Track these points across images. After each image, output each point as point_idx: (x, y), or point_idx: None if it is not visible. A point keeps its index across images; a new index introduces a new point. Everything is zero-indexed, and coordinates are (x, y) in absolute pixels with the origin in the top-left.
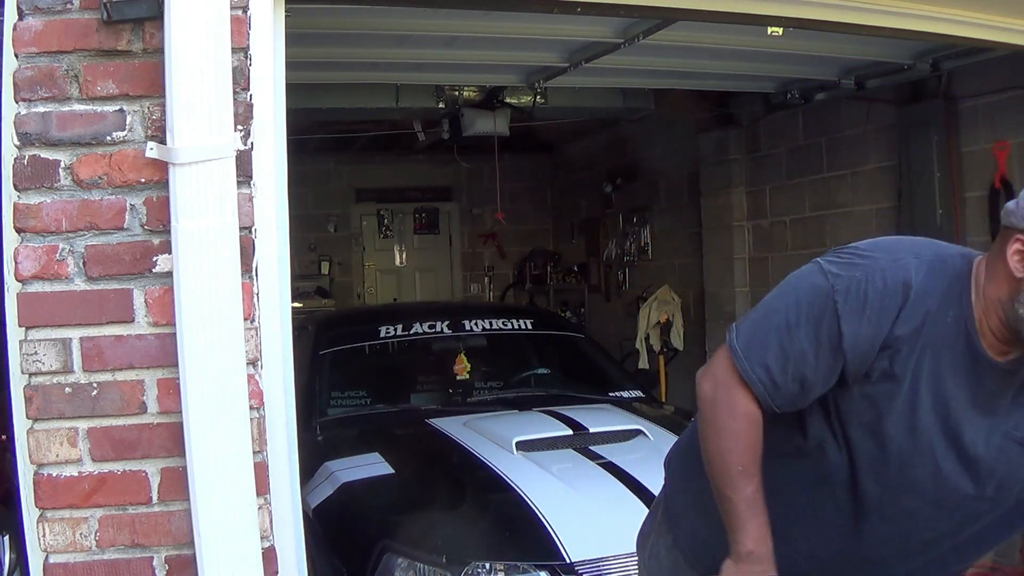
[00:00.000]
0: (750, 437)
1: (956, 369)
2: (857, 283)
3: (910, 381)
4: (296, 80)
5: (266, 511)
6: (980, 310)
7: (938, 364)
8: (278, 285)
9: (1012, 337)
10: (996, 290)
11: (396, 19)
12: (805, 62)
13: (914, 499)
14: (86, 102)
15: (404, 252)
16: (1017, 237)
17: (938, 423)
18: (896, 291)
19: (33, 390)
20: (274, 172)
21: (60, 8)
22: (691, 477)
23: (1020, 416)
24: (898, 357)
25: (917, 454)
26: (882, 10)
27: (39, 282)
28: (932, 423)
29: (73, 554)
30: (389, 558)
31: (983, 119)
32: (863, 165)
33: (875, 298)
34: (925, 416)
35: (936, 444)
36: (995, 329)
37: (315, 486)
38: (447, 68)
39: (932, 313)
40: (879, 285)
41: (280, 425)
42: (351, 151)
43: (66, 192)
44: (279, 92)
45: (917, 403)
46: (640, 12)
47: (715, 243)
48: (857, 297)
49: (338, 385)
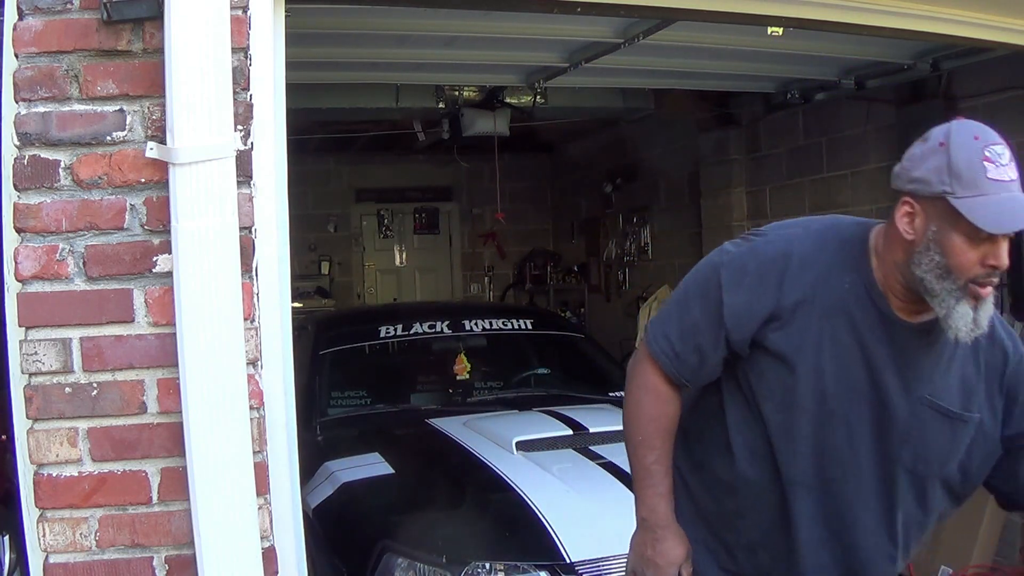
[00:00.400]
0: (653, 410)
1: (868, 334)
2: (740, 256)
3: (812, 350)
4: (296, 80)
5: (266, 511)
6: (882, 274)
7: (841, 330)
8: (278, 285)
9: (917, 297)
10: (893, 253)
11: (396, 19)
12: (805, 62)
13: (836, 469)
14: (86, 102)
15: (404, 252)
16: (904, 199)
17: (848, 388)
18: (775, 260)
19: (33, 390)
20: (274, 172)
21: (60, 8)
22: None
23: (941, 383)
24: (791, 327)
25: (830, 423)
26: (882, 10)
27: (39, 282)
28: (842, 389)
29: (73, 554)
30: (389, 558)
31: (983, 119)
32: (863, 165)
33: (754, 268)
34: (833, 383)
35: (850, 410)
36: (899, 292)
37: (315, 486)
38: (447, 68)
39: (822, 280)
40: (760, 256)
41: (280, 425)
42: (351, 151)
43: (66, 192)
44: (279, 92)
45: (822, 371)
46: (640, 12)
47: (715, 243)
48: (739, 268)
49: (338, 385)
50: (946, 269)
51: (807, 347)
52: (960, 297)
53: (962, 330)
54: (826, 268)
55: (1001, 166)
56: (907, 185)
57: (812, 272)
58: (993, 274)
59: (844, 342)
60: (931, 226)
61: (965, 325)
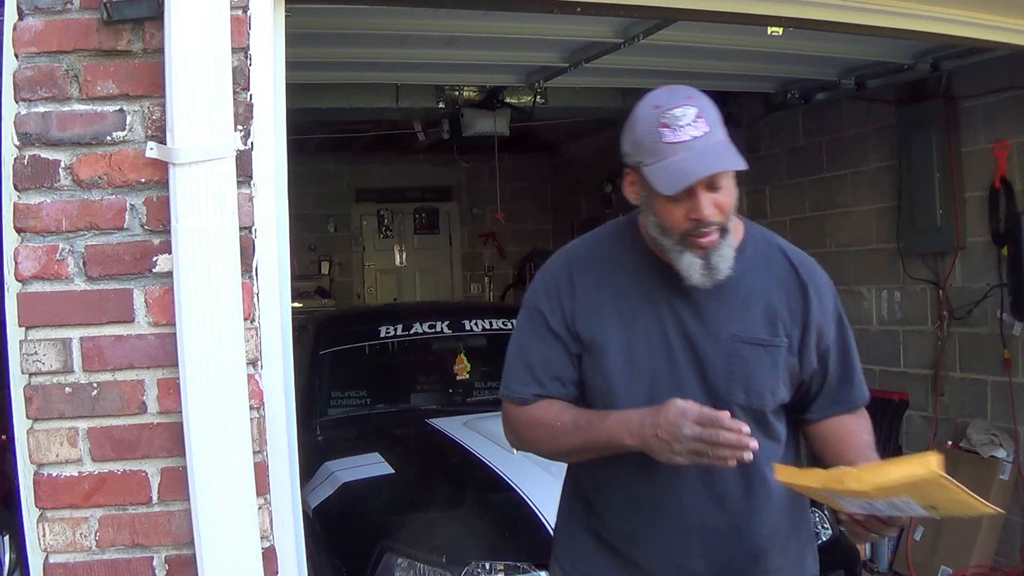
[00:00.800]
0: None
1: (660, 298)
2: (538, 282)
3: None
4: (296, 80)
5: (266, 511)
6: (651, 243)
7: (637, 303)
8: (278, 285)
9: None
10: (645, 221)
11: (396, 19)
12: (805, 62)
13: None
14: (86, 102)
15: (404, 252)
16: (626, 172)
17: (662, 351)
18: (561, 266)
19: (33, 390)
20: (274, 172)
21: (60, 8)
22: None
23: (745, 318)
24: (595, 317)
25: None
26: (882, 10)
27: (39, 282)
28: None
29: (73, 554)
30: (389, 558)
31: (983, 119)
32: (863, 165)
33: (551, 281)
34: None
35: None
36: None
37: (315, 486)
38: (447, 68)
39: (607, 267)
40: (547, 272)
41: (280, 425)
42: (351, 151)
43: (66, 192)
44: (279, 92)
45: (634, 345)
46: (640, 12)
47: None
48: (543, 290)
49: (338, 385)
50: (662, 228)
51: (614, 328)
52: (682, 249)
53: (695, 277)
54: (608, 255)
55: (679, 128)
56: (623, 157)
57: (596, 263)
58: (703, 225)
59: (643, 311)
60: (643, 192)
61: (696, 272)
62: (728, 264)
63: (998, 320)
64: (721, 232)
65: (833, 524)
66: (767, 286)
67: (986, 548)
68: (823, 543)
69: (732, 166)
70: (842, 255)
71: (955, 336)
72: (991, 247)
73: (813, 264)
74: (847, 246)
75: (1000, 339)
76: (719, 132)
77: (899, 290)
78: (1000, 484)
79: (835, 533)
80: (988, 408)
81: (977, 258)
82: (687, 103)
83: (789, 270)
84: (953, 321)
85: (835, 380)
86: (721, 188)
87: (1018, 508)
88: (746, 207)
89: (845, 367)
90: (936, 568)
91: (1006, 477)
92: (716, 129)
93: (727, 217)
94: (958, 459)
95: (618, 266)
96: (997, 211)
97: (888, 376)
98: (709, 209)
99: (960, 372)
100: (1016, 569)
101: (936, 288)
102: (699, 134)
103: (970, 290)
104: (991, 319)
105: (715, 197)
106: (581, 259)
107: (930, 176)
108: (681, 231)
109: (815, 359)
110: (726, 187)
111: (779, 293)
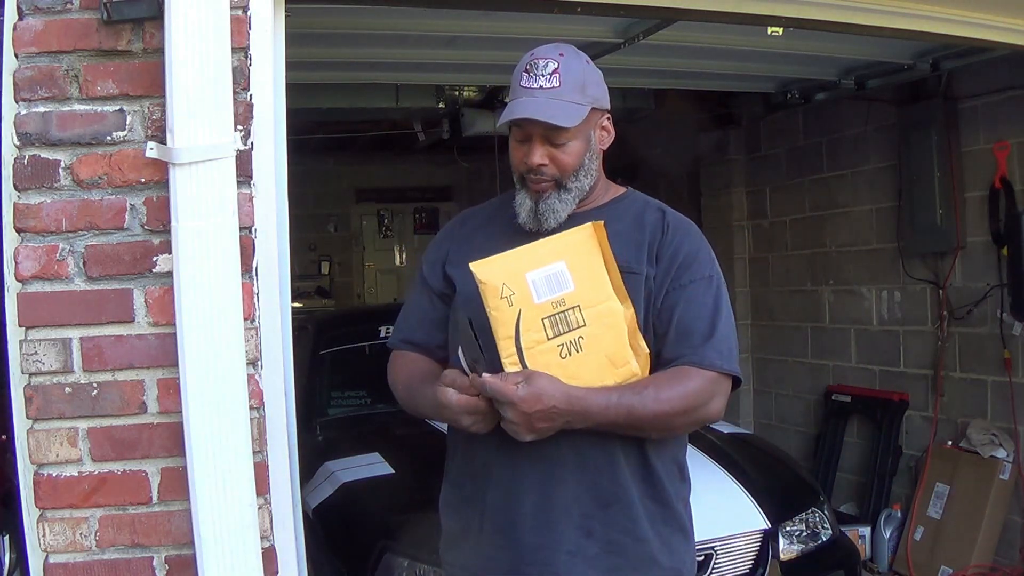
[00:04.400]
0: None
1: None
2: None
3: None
4: (296, 80)
5: (266, 511)
6: None
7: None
8: (278, 285)
9: None
10: None
11: (396, 19)
12: (805, 62)
13: None
14: (86, 102)
15: (404, 252)
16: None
17: None
18: (454, 220)
19: (33, 390)
20: (274, 172)
21: (60, 8)
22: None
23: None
24: (465, 257)
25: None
26: (882, 10)
27: (39, 282)
28: None
29: (73, 554)
30: (389, 558)
31: (983, 119)
32: (863, 165)
33: (442, 234)
34: None
35: None
36: None
37: (315, 486)
38: (447, 68)
39: (489, 215)
40: (445, 227)
41: (280, 425)
42: (351, 151)
43: (66, 192)
44: (279, 92)
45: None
46: (640, 12)
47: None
48: (432, 244)
49: (338, 385)
50: (512, 164)
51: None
52: (520, 188)
53: (521, 215)
54: (496, 207)
55: (535, 76)
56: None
57: (483, 213)
58: (534, 171)
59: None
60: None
61: (524, 211)
62: (557, 218)
63: (998, 320)
64: (556, 185)
65: (833, 524)
66: (631, 228)
67: (986, 548)
68: (823, 543)
69: (552, 119)
70: (842, 255)
71: (955, 336)
72: (991, 247)
73: (689, 223)
74: (847, 246)
75: (1000, 339)
76: (569, 92)
77: (899, 290)
78: (1000, 484)
79: (835, 533)
80: (988, 408)
81: (977, 258)
82: (555, 58)
83: (658, 218)
84: (953, 321)
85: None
86: (562, 145)
87: (1018, 508)
88: (746, 207)
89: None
90: (936, 568)
91: (1006, 477)
92: (569, 89)
93: (562, 173)
94: (958, 459)
95: (497, 215)
96: (997, 211)
97: (888, 376)
98: (536, 158)
99: (960, 372)
100: (1016, 569)
101: (936, 288)
102: (547, 86)
103: (970, 290)
104: (991, 319)
105: (552, 151)
106: (471, 212)
107: (930, 176)
108: (519, 171)
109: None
110: (569, 146)
111: (643, 234)
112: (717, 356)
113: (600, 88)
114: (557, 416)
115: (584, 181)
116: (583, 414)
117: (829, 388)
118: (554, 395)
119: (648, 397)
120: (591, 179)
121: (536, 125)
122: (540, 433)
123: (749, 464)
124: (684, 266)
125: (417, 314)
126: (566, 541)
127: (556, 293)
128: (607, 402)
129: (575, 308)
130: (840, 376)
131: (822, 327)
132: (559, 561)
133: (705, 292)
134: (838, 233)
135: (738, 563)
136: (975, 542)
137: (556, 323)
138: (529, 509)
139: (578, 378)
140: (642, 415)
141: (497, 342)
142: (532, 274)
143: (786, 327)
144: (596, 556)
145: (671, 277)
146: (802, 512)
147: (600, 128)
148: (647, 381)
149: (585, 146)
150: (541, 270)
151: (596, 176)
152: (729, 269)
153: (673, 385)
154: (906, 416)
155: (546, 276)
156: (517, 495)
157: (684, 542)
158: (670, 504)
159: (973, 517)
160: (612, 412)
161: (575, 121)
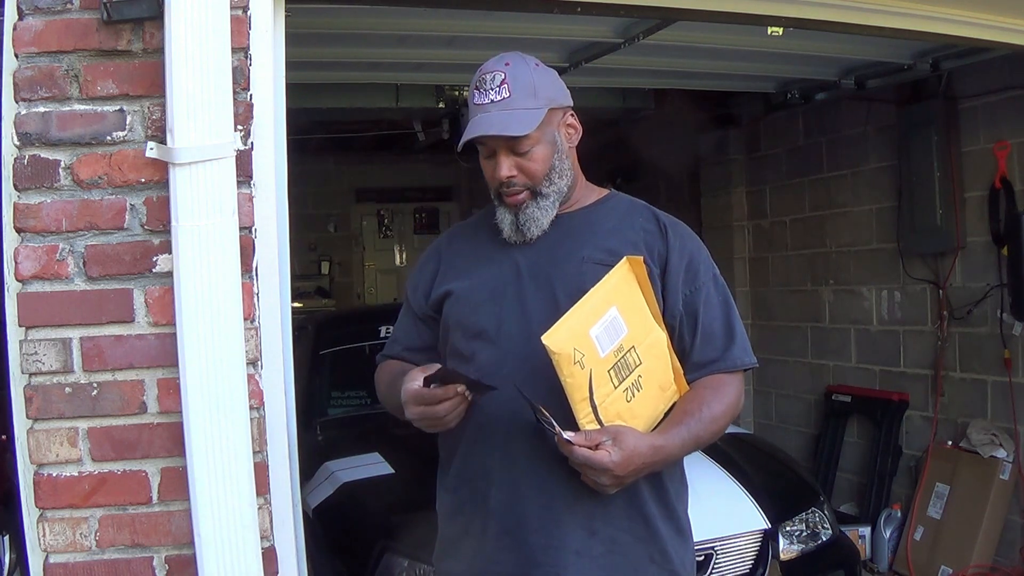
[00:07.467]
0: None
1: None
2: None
3: (467, 273)
4: (296, 80)
5: (266, 511)
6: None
7: (489, 251)
8: (278, 285)
9: None
10: None
11: (396, 19)
12: (805, 62)
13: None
14: (86, 102)
15: (404, 252)
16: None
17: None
18: (439, 240)
19: (33, 390)
20: (274, 172)
21: (60, 8)
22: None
23: (596, 244)
24: (453, 270)
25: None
26: (882, 10)
27: (39, 282)
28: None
29: (73, 554)
30: (389, 558)
31: (983, 119)
32: (863, 165)
33: (427, 254)
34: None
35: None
36: None
37: (315, 486)
38: (447, 68)
39: (475, 231)
40: (431, 246)
41: (280, 425)
42: (351, 151)
43: (66, 192)
44: (279, 92)
45: (477, 285)
46: (640, 12)
47: (715, 243)
48: (418, 265)
49: (338, 385)
50: (487, 182)
51: (463, 273)
52: (499, 204)
53: (505, 230)
54: (480, 222)
55: (485, 91)
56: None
57: (468, 230)
58: (505, 184)
59: (494, 257)
60: None
61: (506, 226)
62: (539, 226)
63: (998, 320)
64: (532, 194)
65: (833, 524)
66: (621, 226)
67: (986, 548)
68: (823, 543)
69: (506, 131)
70: (842, 255)
71: (955, 336)
72: (991, 247)
73: (680, 222)
74: (847, 246)
75: (1000, 339)
76: (521, 99)
77: (899, 290)
78: (1000, 484)
79: (835, 533)
80: (988, 408)
81: (977, 258)
82: (501, 69)
83: (650, 217)
84: (953, 321)
85: (707, 333)
86: (526, 152)
87: (1018, 508)
88: (746, 207)
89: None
90: (936, 568)
91: (1006, 477)
92: (519, 96)
93: (534, 180)
94: (958, 459)
95: (480, 230)
96: (997, 211)
97: (888, 376)
98: (504, 170)
99: (960, 372)
100: (1016, 569)
101: (936, 288)
102: (498, 99)
103: (970, 290)
104: (991, 319)
105: (518, 160)
106: (457, 230)
107: (930, 176)
108: (494, 187)
109: (680, 301)
110: (534, 152)
111: (636, 232)
112: (741, 354)
113: (554, 87)
114: (644, 469)
115: (559, 183)
116: (666, 460)
117: (829, 388)
118: (643, 452)
119: (706, 419)
120: (566, 180)
121: (496, 139)
122: (625, 485)
123: (749, 464)
124: (694, 270)
125: (403, 340)
126: (572, 540)
127: (615, 341)
128: (683, 440)
129: (632, 349)
130: (840, 376)
131: (822, 327)
132: (567, 561)
133: (715, 292)
134: (838, 233)
135: (738, 563)
136: (975, 542)
137: (619, 370)
138: (535, 510)
139: (639, 416)
140: (705, 438)
141: (573, 406)
142: (594, 329)
143: (786, 327)
144: (600, 556)
145: (683, 281)
146: (802, 512)
147: (565, 126)
148: (697, 403)
149: (551, 148)
150: (600, 323)
151: (572, 175)
152: (729, 269)
153: (719, 398)
154: (906, 416)
155: (605, 328)
156: (522, 496)
157: (683, 542)
158: (670, 503)
159: (973, 517)
160: (688, 447)
161: (531, 127)
